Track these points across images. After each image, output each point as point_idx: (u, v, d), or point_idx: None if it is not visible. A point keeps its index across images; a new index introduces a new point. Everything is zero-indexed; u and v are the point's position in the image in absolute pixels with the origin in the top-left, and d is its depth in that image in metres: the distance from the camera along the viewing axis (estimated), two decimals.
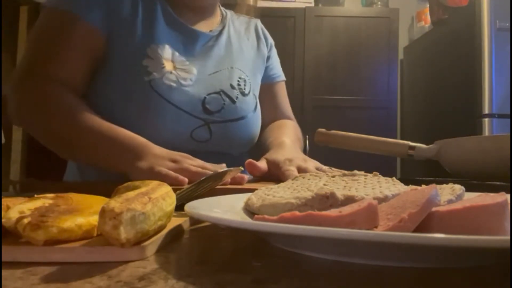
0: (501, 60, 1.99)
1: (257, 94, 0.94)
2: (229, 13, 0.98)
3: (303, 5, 2.49)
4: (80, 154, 0.74)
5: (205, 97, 0.81)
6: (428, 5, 2.54)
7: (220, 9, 0.97)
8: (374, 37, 2.45)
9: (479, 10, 2.03)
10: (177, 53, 0.82)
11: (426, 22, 2.68)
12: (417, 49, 2.73)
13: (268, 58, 1.02)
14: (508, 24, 1.98)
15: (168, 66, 0.79)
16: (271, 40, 1.04)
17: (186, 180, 0.57)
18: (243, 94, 0.87)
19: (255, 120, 0.90)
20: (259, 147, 0.91)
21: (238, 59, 0.91)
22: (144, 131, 0.71)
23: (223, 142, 0.83)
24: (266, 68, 1.01)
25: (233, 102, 0.85)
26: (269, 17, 2.25)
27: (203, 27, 0.89)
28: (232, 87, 0.86)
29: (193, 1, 0.87)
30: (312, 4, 2.54)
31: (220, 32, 0.90)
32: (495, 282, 0.23)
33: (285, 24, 2.46)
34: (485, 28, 2.00)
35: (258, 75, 0.98)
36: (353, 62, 2.45)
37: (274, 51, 1.05)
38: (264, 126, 0.96)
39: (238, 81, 0.88)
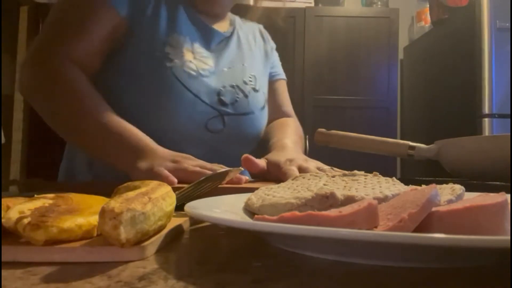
0: (501, 60, 1.99)
1: (266, 92, 0.98)
2: (237, 18, 1.02)
3: (303, 5, 2.49)
4: (82, 142, 0.74)
5: (220, 89, 0.85)
6: (428, 5, 2.54)
7: (229, 14, 1.01)
8: (374, 37, 2.45)
9: (479, 10, 2.03)
10: (196, 44, 0.85)
11: (426, 22, 2.68)
12: (417, 49, 2.73)
13: (270, 58, 1.06)
14: (508, 24, 1.98)
15: (188, 55, 0.82)
16: (273, 44, 1.09)
17: (176, 180, 0.57)
18: (254, 90, 0.91)
19: (263, 117, 0.94)
20: (262, 147, 0.91)
21: (248, 58, 0.95)
22: (160, 117, 0.74)
23: (234, 133, 0.86)
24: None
25: (246, 96, 0.89)
26: (268, 17, 2.25)
27: (216, 28, 0.92)
28: (245, 82, 0.90)
29: (211, 9, 0.90)
30: (312, 4, 2.54)
31: (232, 33, 0.94)
32: (495, 282, 0.23)
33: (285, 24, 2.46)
34: (485, 28, 2.00)
35: (266, 74, 1.02)
36: (353, 62, 2.45)
37: (276, 54, 1.10)
38: (266, 123, 0.97)
39: (250, 77, 0.92)
